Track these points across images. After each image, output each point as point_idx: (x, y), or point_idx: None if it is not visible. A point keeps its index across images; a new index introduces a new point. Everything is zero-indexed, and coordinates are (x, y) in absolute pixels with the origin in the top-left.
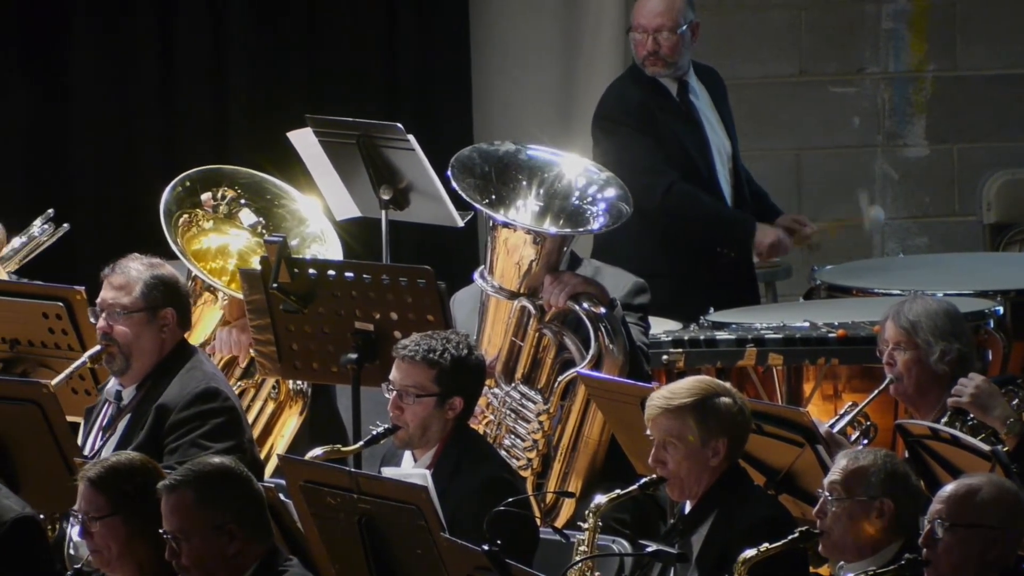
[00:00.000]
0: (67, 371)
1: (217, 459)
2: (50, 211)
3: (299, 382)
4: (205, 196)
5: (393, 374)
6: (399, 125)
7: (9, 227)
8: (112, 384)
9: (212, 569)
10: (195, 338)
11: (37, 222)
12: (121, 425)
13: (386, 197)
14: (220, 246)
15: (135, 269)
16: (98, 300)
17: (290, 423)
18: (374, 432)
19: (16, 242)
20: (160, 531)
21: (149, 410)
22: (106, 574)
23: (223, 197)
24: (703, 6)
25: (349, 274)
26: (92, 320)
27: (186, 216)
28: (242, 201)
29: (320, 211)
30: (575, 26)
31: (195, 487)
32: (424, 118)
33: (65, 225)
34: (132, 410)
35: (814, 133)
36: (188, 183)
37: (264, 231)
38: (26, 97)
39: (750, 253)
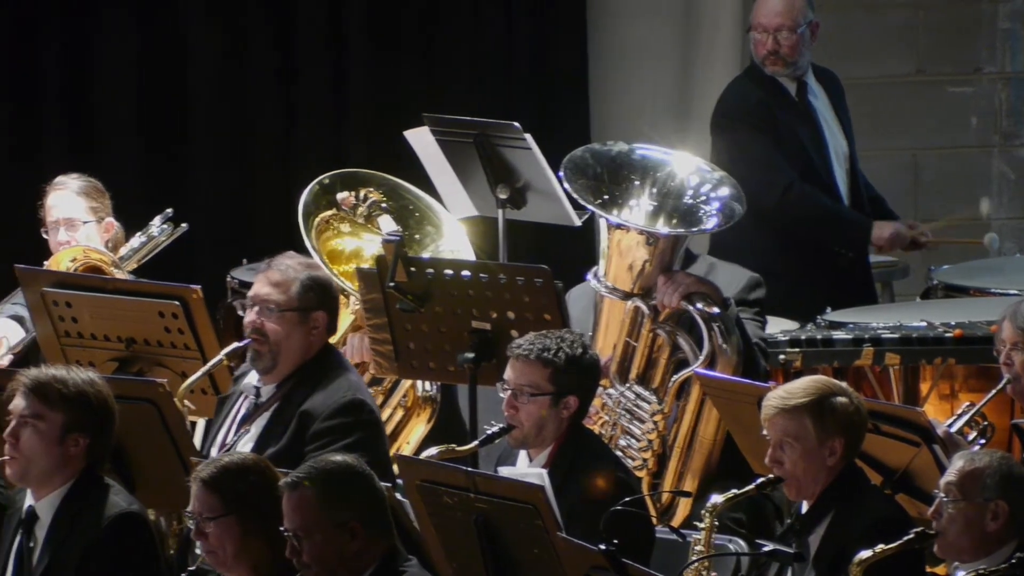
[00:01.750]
0: (204, 369)
1: (339, 457)
2: (169, 211)
3: (429, 388)
4: (342, 195)
5: (507, 373)
6: (516, 124)
7: (128, 226)
8: (250, 378)
9: (333, 567)
10: None
11: (156, 221)
12: (260, 422)
13: (503, 196)
14: (354, 249)
15: (293, 268)
16: (250, 294)
17: (417, 430)
18: (489, 432)
19: (135, 241)
20: (275, 530)
21: (292, 414)
22: (221, 574)
23: (365, 199)
24: (820, 6)
25: (466, 273)
26: (240, 313)
27: (324, 218)
28: (383, 206)
29: (456, 222)
30: (692, 26)
31: (318, 485)
32: (541, 118)
33: (184, 225)
34: (271, 409)
35: (931, 133)
36: (327, 181)
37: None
38: (145, 96)
39: (867, 253)
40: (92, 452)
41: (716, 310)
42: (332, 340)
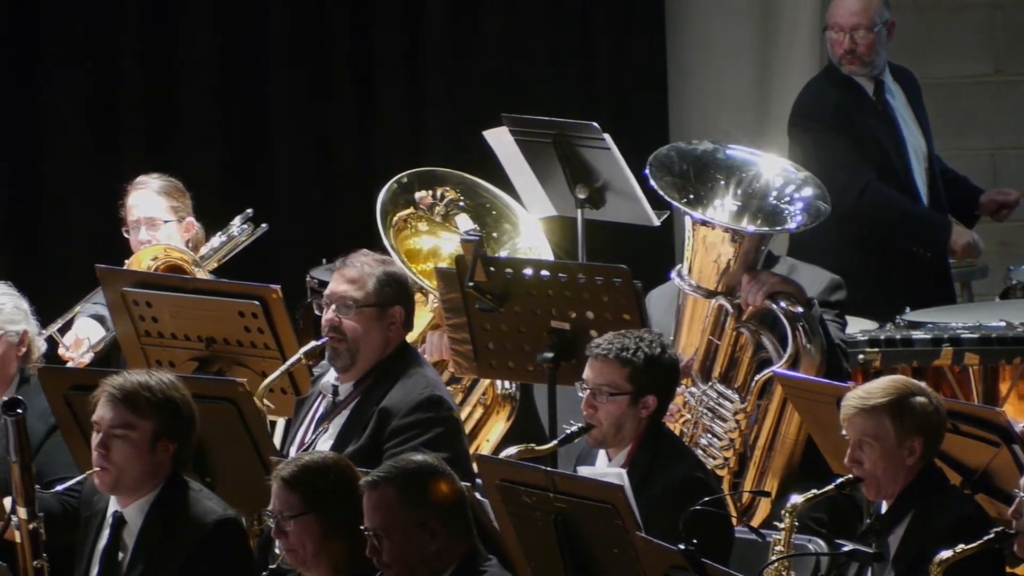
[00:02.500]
0: (282, 368)
1: (420, 456)
2: (249, 211)
3: (508, 386)
4: (420, 194)
5: (586, 373)
6: (595, 124)
7: (208, 226)
8: (328, 377)
9: (413, 566)
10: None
11: (236, 221)
12: (338, 421)
13: (582, 196)
14: (432, 248)
15: (368, 264)
16: (326, 292)
17: (496, 428)
18: (568, 431)
19: (215, 241)
20: (355, 529)
21: (370, 411)
22: (301, 573)
23: (442, 197)
24: (897, 5)
25: (545, 273)
26: (317, 312)
27: (402, 216)
28: (460, 204)
29: (534, 221)
30: (771, 25)
31: (398, 484)
32: (620, 117)
33: (263, 225)
34: (349, 407)
35: (1009, 132)
36: (404, 180)
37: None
38: (225, 97)
39: (945, 253)
40: (178, 456)
41: (800, 309)
42: (411, 338)
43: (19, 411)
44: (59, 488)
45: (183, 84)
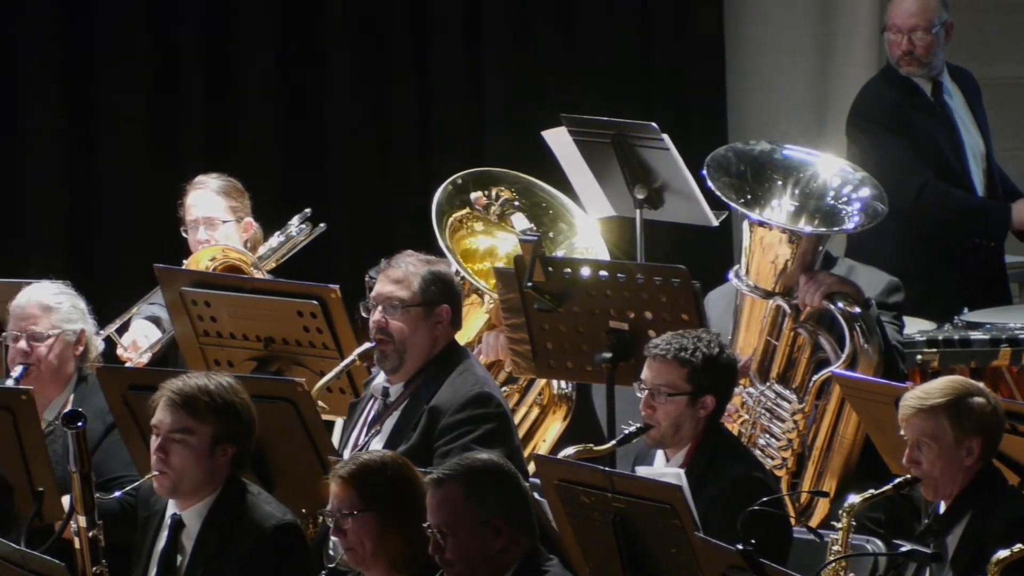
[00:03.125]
0: (337, 369)
1: (486, 455)
2: (307, 210)
3: (564, 386)
4: (475, 195)
5: (645, 373)
6: (654, 124)
7: (266, 226)
8: (379, 380)
9: (476, 564)
10: (459, 337)
11: (294, 221)
12: (389, 422)
13: (640, 196)
14: (488, 248)
15: (413, 264)
16: (373, 294)
17: (553, 428)
18: (626, 431)
19: (273, 241)
20: (413, 527)
21: (420, 411)
22: (360, 572)
23: (497, 197)
24: (955, 6)
25: (603, 273)
26: (364, 315)
27: (457, 217)
28: (516, 203)
29: (591, 222)
30: (829, 26)
31: (464, 482)
32: (678, 118)
33: (322, 225)
34: (400, 408)
35: None
36: (459, 180)
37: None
38: (283, 97)
39: (1003, 239)
40: (237, 460)
41: (857, 310)
42: (467, 339)
43: (80, 424)
44: (117, 494)
45: (242, 84)
